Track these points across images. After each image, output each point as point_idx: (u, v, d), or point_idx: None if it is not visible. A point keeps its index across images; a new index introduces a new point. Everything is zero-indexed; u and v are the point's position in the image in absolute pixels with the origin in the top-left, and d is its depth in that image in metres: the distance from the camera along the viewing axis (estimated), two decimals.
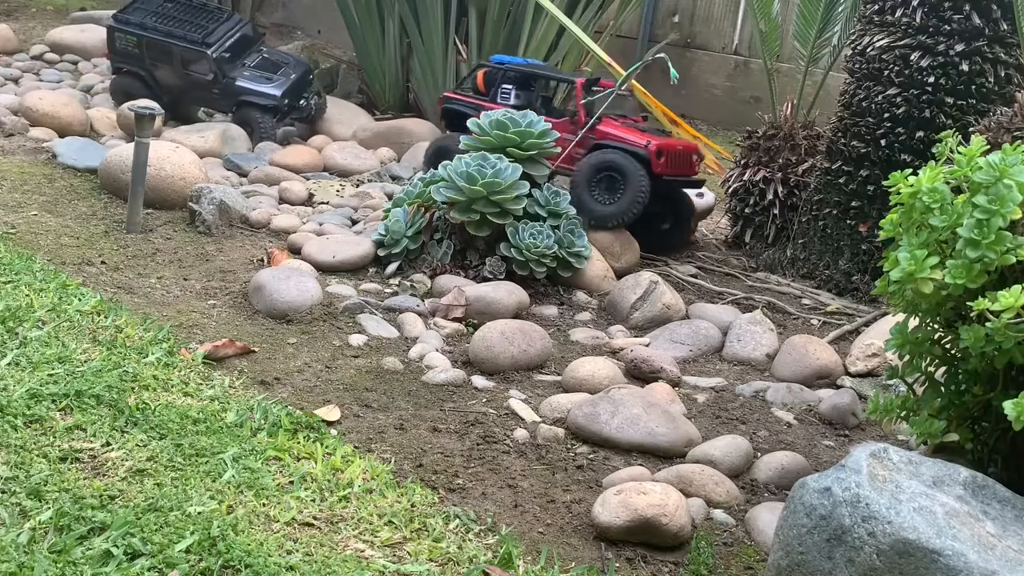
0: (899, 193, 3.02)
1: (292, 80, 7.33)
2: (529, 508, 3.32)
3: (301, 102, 7.32)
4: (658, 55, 6.71)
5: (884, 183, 3.23)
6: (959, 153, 2.95)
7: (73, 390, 3.44)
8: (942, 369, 3.14)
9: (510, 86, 6.08)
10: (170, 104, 7.19)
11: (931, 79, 5.26)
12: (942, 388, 3.11)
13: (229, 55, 7.28)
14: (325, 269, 5.14)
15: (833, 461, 3.72)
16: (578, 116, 5.75)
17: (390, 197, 6.10)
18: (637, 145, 5.54)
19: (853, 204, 5.55)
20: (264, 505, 3.05)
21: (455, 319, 4.74)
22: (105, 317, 4.14)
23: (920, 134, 5.31)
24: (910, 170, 3.04)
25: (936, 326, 3.09)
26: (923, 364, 3.17)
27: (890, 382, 4.21)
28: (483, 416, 3.91)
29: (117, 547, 2.68)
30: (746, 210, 6.19)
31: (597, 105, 6.09)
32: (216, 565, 2.70)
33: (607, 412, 3.82)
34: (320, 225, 5.71)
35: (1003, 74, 5.27)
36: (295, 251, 5.33)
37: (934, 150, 3.20)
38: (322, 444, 3.45)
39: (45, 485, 2.92)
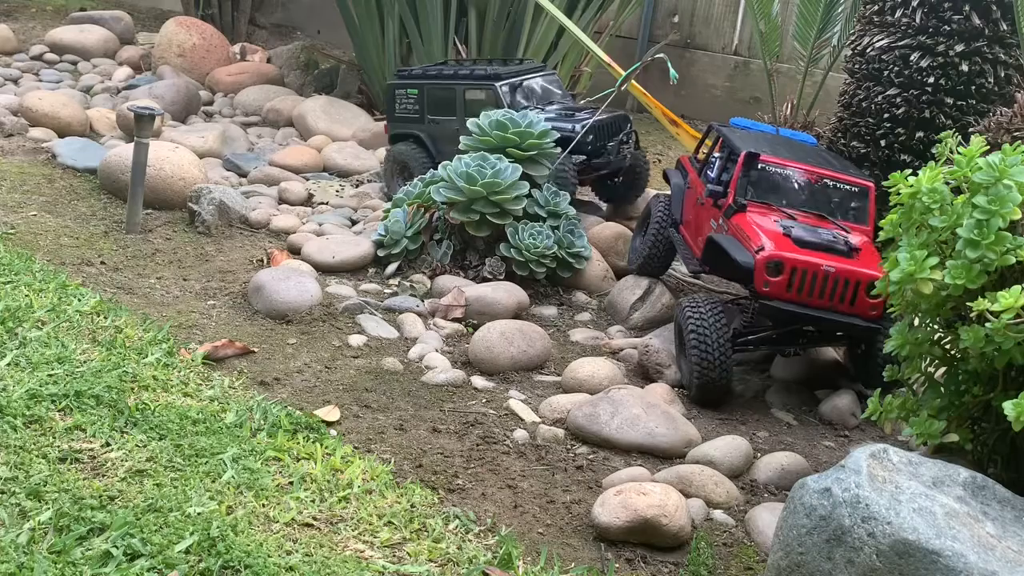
0: (899, 193, 3.02)
1: (598, 118, 5.78)
2: (529, 509, 3.32)
3: (610, 144, 5.75)
4: (658, 55, 6.71)
5: (884, 183, 3.23)
6: (959, 154, 2.95)
7: (73, 390, 3.43)
8: (942, 370, 3.14)
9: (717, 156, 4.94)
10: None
11: (931, 79, 5.26)
12: (942, 389, 3.11)
13: (518, 91, 6.00)
14: (325, 269, 5.14)
15: (833, 461, 3.72)
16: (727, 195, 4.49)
17: (389, 197, 6.10)
18: (747, 249, 4.17)
19: None
20: (264, 506, 3.05)
21: (455, 319, 4.74)
22: (105, 317, 4.14)
23: (920, 134, 5.30)
24: (910, 170, 3.05)
25: (936, 327, 3.09)
26: (923, 365, 3.17)
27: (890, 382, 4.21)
28: (483, 416, 3.90)
29: (117, 548, 2.68)
30: None
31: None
32: (216, 566, 2.70)
33: (607, 412, 3.82)
34: (320, 225, 5.71)
35: (1003, 74, 5.27)
36: (295, 251, 5.33)
37: (934, 150, 3.20)
38: (322, 444, 3.45)
39: (45, 485, 2.92)
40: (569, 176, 5.58)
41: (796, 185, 4.52)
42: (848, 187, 4.52)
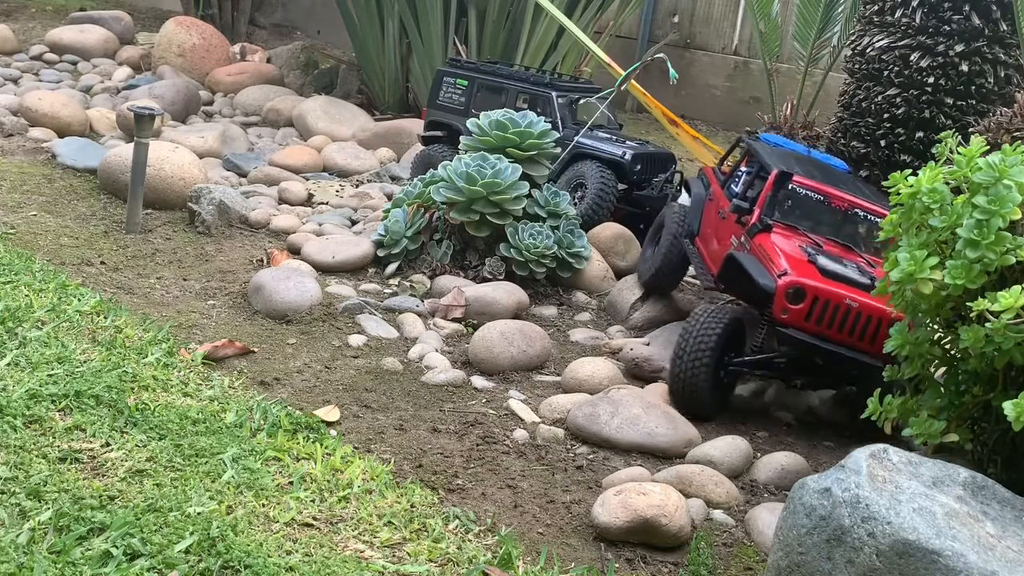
0: (899, 193, 3.02)
1: (648, 149, 5.90)
2: (529, 508, 3.32)
3: (655, 179, 5.81)
4: (657, 55, 6.72)
5: (884, 183, 3.23)
6: (959, 154, 2.95)
7: (73, 390, 3.43)
8: (942, 370, 3.14)
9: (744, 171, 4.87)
10: None
11: (931, 79, 5.27)
12: (942, 389, 3.11)
13: (572, 107, 6.06)
14: (325, 269, 5.13)
15: (833, 461, 3.72)
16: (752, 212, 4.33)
17: (389, 197, 6.10)
18: (769, 272, 4.01)
19: None
20: (264, 505, 3.05)
21: (455, 319, 4.74)
22: (104, 317, 4.14)
23: (920, 134, 5.31)
24: (910, 171, 3.05)
25: (936, 327, 3.08)
26: (923, 364, 3.17)
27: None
28: (483, 416, 3.90)
29: (116, 547, 2.68)
30: None
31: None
32: (216, 565, 2.70)
33: (607, 412, 3.82)
34: (320, 225, 5.71)
35: (1003, 75, 5.28)
36: (295, 251, 5.33)
37: (934, 150, 3.20)
38: (322, 444, 3.45)
39: (45, 485, 2.92)
40: (609, 199, 5.58)
41: (825, 211, 4.33)
42: (878, 220, 4.26)
